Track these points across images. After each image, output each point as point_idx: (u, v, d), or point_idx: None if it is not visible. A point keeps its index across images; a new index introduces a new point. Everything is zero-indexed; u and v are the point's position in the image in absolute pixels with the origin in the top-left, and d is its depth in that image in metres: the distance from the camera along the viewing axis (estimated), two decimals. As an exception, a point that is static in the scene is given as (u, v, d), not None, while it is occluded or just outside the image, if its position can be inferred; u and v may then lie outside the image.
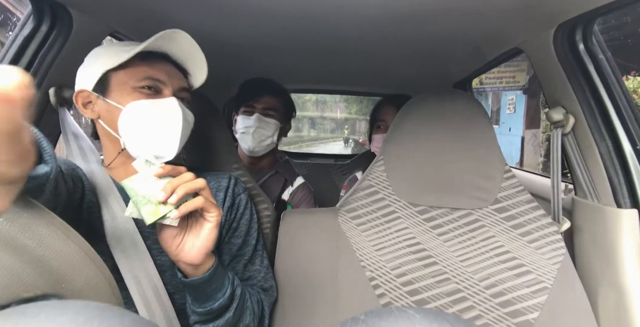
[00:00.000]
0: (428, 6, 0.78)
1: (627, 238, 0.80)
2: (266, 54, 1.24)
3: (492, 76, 7.27)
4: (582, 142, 0.88)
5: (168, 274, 0.69)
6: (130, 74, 0.66)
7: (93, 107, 0.68)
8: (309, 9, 0.81)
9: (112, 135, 0.68)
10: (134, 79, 0.66)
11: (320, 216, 0.91)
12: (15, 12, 6.22)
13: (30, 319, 0.22)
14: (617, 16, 5.89)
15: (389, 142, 0.93)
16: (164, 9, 0.85)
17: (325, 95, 17.48)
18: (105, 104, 0.67)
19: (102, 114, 0.68)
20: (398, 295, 0.81)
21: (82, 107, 0.68)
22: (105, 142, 0.71)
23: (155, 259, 0.68)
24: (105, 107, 0.67)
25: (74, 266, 0.31)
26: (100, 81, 0.67)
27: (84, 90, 0.67)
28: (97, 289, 0.33)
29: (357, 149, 13.14)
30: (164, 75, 0.68)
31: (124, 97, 0.66)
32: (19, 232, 0.28)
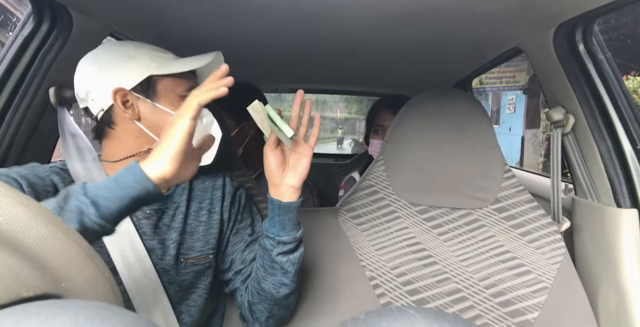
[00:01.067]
0: (428, 6, 0.78)
1: (627, 238, 0.80)
2: (266, 54, 1.24)
3: (492, 76, 7.27)
4: (582, 142, 0.88)
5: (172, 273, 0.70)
6: (176, 82, 0.70)
7: (133, 107, 0.68)
8: (308, 9, 0.81)
9: (146, 137, 0.69)
10: (181, 88, 0.71)
11: (320, 215, 0.91)
12: (15, 13, 6.22)
13: (30, 319, 0.22)
14: (617, 16, 5.89)
15: (389, 142, 0.93)
16: (163, 10, 0.85)
17: (325, 95, 17.48)
18: (152, 107, 0.68)
19: (145, 116, 0.69)
20: (398, 295, 0.81)
21: (122, 106, 0.67)
22: (127, 141, 0.70)
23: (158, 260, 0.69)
24: (151, 110, 0.68)
25: (74, 266, 0.31)
26: (142, 84, 0.68)
27: (123, 89, 0.67)
28: (97, 289, 0.33)
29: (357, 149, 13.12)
30: (196, 85, 0.73)
31: (174, 104, 0.69)
32: (19, 232, 0.28)
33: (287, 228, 0.69)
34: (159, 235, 0.71)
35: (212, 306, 0.80)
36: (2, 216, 0.27)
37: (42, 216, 0.29)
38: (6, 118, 0.78)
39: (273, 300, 0.71)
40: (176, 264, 0.71)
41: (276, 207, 0.68)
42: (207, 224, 0.76)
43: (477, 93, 7.92)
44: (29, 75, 0.78)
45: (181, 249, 0.72)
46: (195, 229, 0.74)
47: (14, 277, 0.27)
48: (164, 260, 0.70)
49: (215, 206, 0.77)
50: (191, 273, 0.73)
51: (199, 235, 0.74)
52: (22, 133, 0.80)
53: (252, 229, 0.80)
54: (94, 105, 0.68)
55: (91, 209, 0.48)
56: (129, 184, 0.50)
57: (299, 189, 0.68)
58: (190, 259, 0.72)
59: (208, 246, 0.75)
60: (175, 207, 0.74)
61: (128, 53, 0.69)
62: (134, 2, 0.82)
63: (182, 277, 0.72)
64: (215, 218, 0.76)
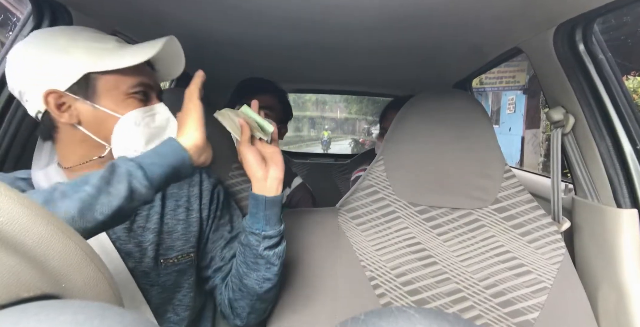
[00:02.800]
0: (428, 7, 0.78)
1: (627, 238, 0.80)
2: (266, 54, 1.24)
3: (492, 76, 7.28)
4: (582, 142, 0.88)
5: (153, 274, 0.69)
6: (121, 79, 0.62)
7: (71, 110, 0.60)
8: (308, 10, 0.81)
9: (92, 141, 0.62)
10: (127, 85, 0.62)
11: (320, 215, 0.91)
12: (15, 12, 6.22)
13: (30, 319, 0.22)
14: (617, 16, 5.89)
15: (389, 142, 0.93)
16: (163, 9, 0.85)
17: (325, 95, 17.42)
18: (93, 110, 0.61)
19: (86, 120, 0.61)
20: (398, 295, 0.81)
21: (56, 110, 0.59)
22: (74, 147, 0.64)
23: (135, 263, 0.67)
24: (92, 113, 0.61)
25: (74, 266, 0.31)
26: (79, 82, 0.60)
27: (56, 90, 0.59)
28: (97, 289, 0.33)
29: (358, 149, 13.10)
30: (151, 79, 0.66)
31: (118, 105, 0.62)
32: (19, 232, 0.28)
33: (271, 222, 0.68)
34: (134, 238, 0.67)
35: (200, 301, 0.78)
36: (3, 217, 0.27)
37: (42, 216, 0.29)
38: (6, 118, 0.78)
39: (255, 295, 0.70)
40: (156, 266, 0.68)
41: (261, 202, 0.67)
42: (186, 222, 0.72)
43: (477, 93, 7.91)
44: (29, 75, 0.78)
45: (160, 249, 0.69)
46: (174, 227, 0.71)
47: (14, 278, 0.27)
48: (143, 263, 0.67)
49: (193, 204, 0.74)
50: (173, 273, 0.70)
51: (178, 234, 0.71)
52: (22, 133, 0.80)
53: (231, 225, 0.78)
54: (29, 107, 0.61)
55: (139, 172, 0.51)
56: (166, 153, 0.55)
57: (282, 181, 0.68)
58: (170, 260, 0.70)
59: (188, 244, 0.72)
60: (148, 207, 0.70)
61: (59, 46, 0.59)
62: (134, 2, 0.82)
63: (163, 279, 0.69)
64: (194, 216, 0.73)
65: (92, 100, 0.61)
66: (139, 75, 0.64)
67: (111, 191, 0.49)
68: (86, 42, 0.61)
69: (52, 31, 0.63)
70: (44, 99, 0.59)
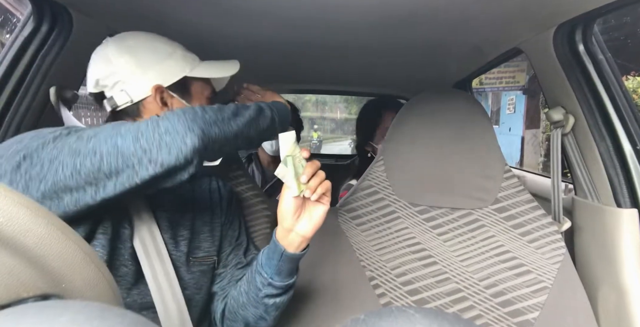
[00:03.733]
0: (428, 7, 0.78)
1: (627, 238, 0.80)
2: (266, 54, 1.24)
3: (492, 76, 7.27)
4: (582, 142, 0.88)
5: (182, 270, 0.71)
6: (205, 86, 0.74)
7: (169, 105, 0.69)
8: (308, 10, 0.81)
9: None
10: (208, 91, 0.75)
11: None
12: (15, 13, 6.23)
13: (30, 319, 0.22)
14: (617, 16, 5.89)
15: (389, 142, 0.93)
16: (164, 10, 0.85)
17: (325, 96, 17.36)
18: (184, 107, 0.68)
19: None
20: (398, 295, 0.81)
21: (160, 103, 0.68)
22: None
23: (171, 254, 0.69)
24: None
25: (74, 266, 0.31)
26: (177, 83, 0.69)
27: (162, 86, 0.68)
28: (97, 289, 0.33)
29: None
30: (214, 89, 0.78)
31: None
32: (19, 232, 0.28)
33: (282, 274, 0.66)
34: (172, 229, 0.71)
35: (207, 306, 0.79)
36: (2, 217, 0.27)
37: (42, 216, 0.29)
38: (6, 118, 0.78)
39: (248, 325, 0.71)
40: (186, 261, 0.72)
41: (278, 253, 0.64)
42: (211, 225, 0.77)
43: (477, 93, 7.91)
44: (29, 76, 0.78)
45: (191, 247, 0.73)
46: (201, 228, 0.75)
47: (14, 278, 0.27)
48: (175, 255, 0.70)
49: (215, 209, 0.79)
50: (197, 272, 0.73)
51: (205, 235, 0.75)
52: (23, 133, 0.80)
53: (238, 233, 0.81)
54: (121, 96, 0.67)
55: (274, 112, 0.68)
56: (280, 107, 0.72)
57: (308, 240, 0.65)
58: (198, 259, 0.73)
59: (213, 247, 0.76)
60: (182, 204, 0.74)
61: (165, 51, 0.70)
62: (134, 3, 0.82)
63: (189, 276, 0.72)
64: (217, 221, 0.78)
65: (186, 99, 0.71)
66: (212, 85, 0.76)
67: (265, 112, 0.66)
68: (182, 51, 0.72)
69: (153, 37, 0.72)
70: (153, 91, 0.67)
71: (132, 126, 0.53)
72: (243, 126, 0.61)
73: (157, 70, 0.68)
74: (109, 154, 0.50)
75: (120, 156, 0.50)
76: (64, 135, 0.53)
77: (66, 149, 0.51)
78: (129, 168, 0.51)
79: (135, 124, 0.53)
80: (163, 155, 0.51)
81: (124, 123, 0.55)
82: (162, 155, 0.51)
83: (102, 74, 0.68)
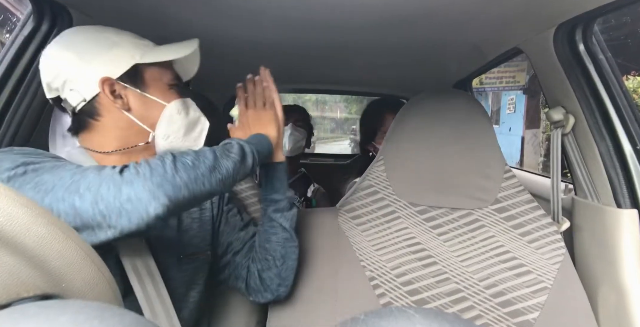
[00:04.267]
0: (428, 7, 0.78)
1: (627, 238, 0.80)
2: (266, 54, 1.24)
3: (492, 76, 7.27)
4: (582, 142, 0.88)
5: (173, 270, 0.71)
6: (163, 72, 0.69)
7: (124, 97, 0.65)
8: (308, 11, 0.81)
9: (137, 128, 0.67)
10: (168, 77, 0.69)
11: (320, 215, 0.91)
12: (15, 13, 6.22)
13: (30, 319, 0.22)
14: (617, 16, 5.89)
15: (389, 142, 0.93)
16: (164, 10, 0.85)
17: (325, 95, 17.32)
18: (142, 97, 0.66)
19: (135, 107, 0.66)
20: (398, 295, 0.81)
21: (111, 96, 0.64)
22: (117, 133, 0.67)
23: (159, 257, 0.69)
24: (141, 100, 0.66)
25: (74, 266, 0.31)
26: (129, 73, 0.65)
27: (110, 78, 0.63)
28: (97, 289, 0.33)
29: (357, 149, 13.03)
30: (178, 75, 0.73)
31: (164, 94, 0.68)
32: (19, 232, 0.28)
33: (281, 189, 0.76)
34: (157, 231, 0.71)
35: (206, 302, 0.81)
36: (3, 217, 0.27)
37: (42, 216, 0.29)
38: (6, 118, 0.78)
39: (281, 259, 0.75)
40: (177, 261, 0.72)
41: (264, 169, 0.77)
42: (200, 220, 0.77)
43: (477, 93, 7.91)
44: (29, 75, 0.78)
45: (180, 245, 0.73)
46: (190, 226, 0.75)
47: (14, 278, 0.28)
48: (164, 256, 0.70)
49: (205, 204, 0.79)
50: (190, 270, 0.74)
51: (194, 231, 0.75)
52: (22, 133, 0.80)
53: (240, 216, 0.84)
54: (72, 96, 0.64)
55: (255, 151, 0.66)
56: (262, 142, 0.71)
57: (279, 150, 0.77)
58: (188, 256, 0.73)
59: (205, 242, 0.77)
60: None
61: (109, 39, 0.65)
62: (134, 3, 0.82)
63: (181, 274, 0.72)
64: (206, 215, 0.78)
65: (141, 89, 0.66)
66: (173, 70, 0.71)
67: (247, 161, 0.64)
68: (132, 38, 0.68)
69: (96, 28, 0.68)
70: (100, 85, 0.63)
71: (92, 182, 0.49)
72: (217, 184, 0.57)
73: (102, 61, 0.63)
74: (67, 214, 0.48)
75: (78, 218, 0.48)
76: (19, 176, 0.50)
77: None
78: (88, 229, 0.49)
79: (97, 179, 0.49)
80: (123, 223, 0.48)
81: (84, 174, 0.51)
82: (122, 223, 0.48)
83: (50, 76, 0.65)
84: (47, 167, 0.53)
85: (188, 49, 0.68)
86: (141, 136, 0.68)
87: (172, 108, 0.68)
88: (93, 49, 0.64)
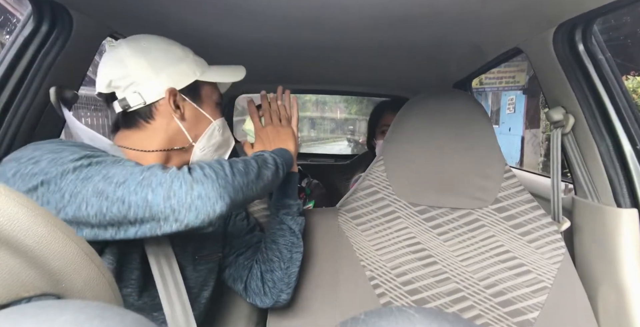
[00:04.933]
0: (428, 7, 0.78)
1: (627, 238, 0.80)
2: (266, 54, 1.24)
3: (492, 76, 7.27)
4: (582, 142, 0.88)
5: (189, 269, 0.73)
6: (213, 90, 0.76)
7: (181, 107, 0.70)
8: (309, 10, 0.81)
9: (182, 135, 0.72)
10: (216, 96, 0.76)
11: (320, 215, 0.91)
12: (15, 13, 6.22)
13: (30, 319, 0.22)
14: (617, 16, 5.89)
15: (389, 142, 0.93)
16: (163, 10, 0.85)
17: (325, 96, 17.31)
18: (196, 111, 0.72)
19: (188, 118, 0.71)
20: (398, 294, 0.81)
21: (173, 105, 0.69)
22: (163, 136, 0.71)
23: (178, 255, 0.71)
24: (194, 113, 0.72)
25: (74, 266, 0.31)
26: (189, 87, 0.70)
27: (175, 89, 0.69)
28: (97, 289, 0.33)
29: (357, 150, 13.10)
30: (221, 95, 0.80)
31: (212, 111, 0.75)
32: (19, 232, 0.28)
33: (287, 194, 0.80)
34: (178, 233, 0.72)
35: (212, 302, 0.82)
36: (3, 217, 0.27)
37: (42, 216, 0.29)
38: (6, 118, 0.78)
39: (287, 263, 0.77)
40: (192, 261, 0.74)
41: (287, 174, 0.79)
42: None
43: (477, 93, 7.91)
44: (29, 76, 0.78)
45: (196, 247, 0.75)
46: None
47: (15, 278, 0.28)
48: (182, 256, 0.72)
49: None
50: (204, 270, 0.75)
51: (208, 234, 0.77)
52: (22, 133, 0.80)
53: (247, 220, 0.87)
54: (134, 97, 0.68)
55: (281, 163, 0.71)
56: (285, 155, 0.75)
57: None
58: (203, 257, 0.76)
59: (217, 244, 0.79)
60: None
61: (177, 54, 0.71)
62: (134, 3, 0.82)
63: (195, 274, 0.74)
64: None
65: (197, 103, 0.72)
66: (218, 90, 0.78)
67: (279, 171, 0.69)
68: (193, 55, 0.74)
69: (167, 41, 0.73)
70: (167, 94, 0.68)
71: (163, 179, 0.53)
72: (261, 190, 0.64)
73: (170, 73, 0.69)
74: (138, 206, 0.51)
75: (148, 210, 0.51)
76: (85, 167, 0.53)
77: (90, 187, 0.51)
78: (154, 221, 0.52)
79: (167, 176, 0.53)
80: (190, 217, 0.52)
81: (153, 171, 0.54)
82: (189, 218, 0.52)
83: (115, 75, 0.68)
84: (110, 161, 0.56)
85: (239, 76, 0.78)
86: (180, 143, 0.73)
87: (216, 125, 0.75)
88: (164, 59, 0.69)
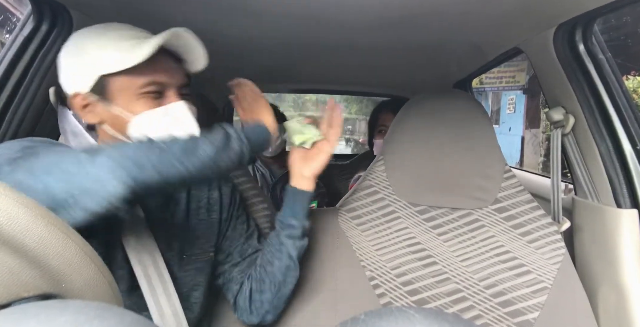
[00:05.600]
0: (428, 7, 0.78)
1: (627, 238, 0.80)
2: (266, 54, 1.24)
3: (492, 76, 7.27)
4: (582, 142, 0.88)
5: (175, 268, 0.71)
6: (132, 79, 0.61)
7: (94, 111, 0.62)
8: (309, 10, 0.81)
9: (119, 139, 0.64)
10: (137, 84, 0.61)
11: (320, 215, 0.91)
12: (15, 13, 6.22)
13: (30, 319, 0.22)
14: (617, 16, 5.89)
15: (389, 142, 0.93)
16: (164, 9, 0.85)
17: (326, 96, 17.25)
18: (109, 110, 0.62)
19: (107, 120, 0.63)
20: (398, 295, 0.81)
21: (81, 111, 0.62)
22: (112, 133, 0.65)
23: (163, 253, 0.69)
24: (109, 113, 0.62)
25: (74, 266, 0.31)
26: (98, 84, 0.61)
27: (79, 93, 0.61)
28: (97, 289, 0.33)
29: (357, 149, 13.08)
30: (166, 76, 0.64)
31: (131, 104, 0.62)
32: (19, 232, 0.28)
33: (300, 214, 0.75)
34: (164, 228, 0.71)
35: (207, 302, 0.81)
36: (3, 217, 0.27)
37: (43, 216, 0.29)
38: (6, 118, 0.78)
39: (278, 286, 0.74)
40: (179, 260, 0.72)
41: (290, 193, 0.76)
42: (207, 222, 0.77)
43: (477, 93, 7.91)
44: (29, 75, 0.78)
45: (184, 245, 0.73)
46: (196, 226, 0.75)
47: (15, 278, 0.28)
48: (168, 254, 0.70)
49: (213, 206, 0.78)
50: (192, 270, 0.73)
51: (199, 232, 0.75)
52: (22, 133, 0.80)
53: (247, 224, 0.83)
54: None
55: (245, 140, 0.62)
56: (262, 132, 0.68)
57: (310, 180, 0.76)
58: (192, 256, 0.73)
59: (209, 243, 0.76)
60: (174, 204, 0.74)
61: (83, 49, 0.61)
62: (134, 3, 0.82)
63: (184, 274, 0.72)
64: (214, 217, 0.78)
65: (107, 101, 0.61)
66: (151, 74, 0.61)
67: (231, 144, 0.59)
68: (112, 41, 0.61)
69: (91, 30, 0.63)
70: (71, 100, 0.62)
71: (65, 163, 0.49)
72: (193, 167, 0.53)
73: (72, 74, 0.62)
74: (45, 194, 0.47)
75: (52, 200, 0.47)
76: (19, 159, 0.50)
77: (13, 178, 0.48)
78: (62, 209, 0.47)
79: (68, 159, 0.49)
80: (88, 202, 0.47)
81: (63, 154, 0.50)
82: (87, 203, 0.47)
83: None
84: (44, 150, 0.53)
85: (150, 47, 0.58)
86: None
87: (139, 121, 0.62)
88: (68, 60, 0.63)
